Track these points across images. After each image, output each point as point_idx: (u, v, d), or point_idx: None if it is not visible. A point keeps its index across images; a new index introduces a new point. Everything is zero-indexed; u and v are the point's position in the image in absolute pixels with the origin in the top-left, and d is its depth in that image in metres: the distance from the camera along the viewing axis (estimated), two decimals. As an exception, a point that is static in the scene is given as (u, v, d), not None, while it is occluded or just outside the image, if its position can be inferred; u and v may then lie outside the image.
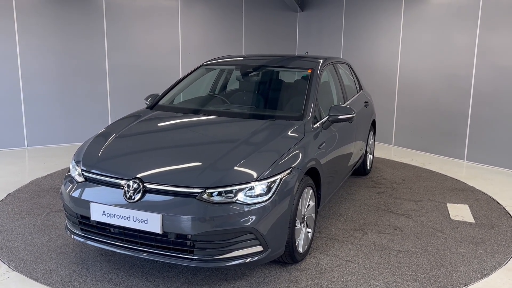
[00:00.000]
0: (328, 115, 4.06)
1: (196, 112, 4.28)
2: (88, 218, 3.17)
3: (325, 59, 4.77)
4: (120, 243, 3.11)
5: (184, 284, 3.19)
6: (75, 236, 3.33)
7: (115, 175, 3.16)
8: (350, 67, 5.82)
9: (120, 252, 3.11)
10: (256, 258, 3.05)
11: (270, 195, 3.06)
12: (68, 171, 3.51)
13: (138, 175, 3.09)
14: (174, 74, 8.10)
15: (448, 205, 4.94)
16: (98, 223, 3.14)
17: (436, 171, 6.26)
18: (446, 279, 3.34)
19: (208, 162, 3.17)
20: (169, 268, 3.39)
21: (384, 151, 7.45)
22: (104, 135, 3.76)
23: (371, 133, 6.05)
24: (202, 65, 4.99)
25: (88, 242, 3.24)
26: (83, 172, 3.32)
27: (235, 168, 3.12)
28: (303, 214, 3.49)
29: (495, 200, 5.11)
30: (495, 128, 6.42)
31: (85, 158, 3.44)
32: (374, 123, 6.17)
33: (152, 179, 3.06)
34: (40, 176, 5.65)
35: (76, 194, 3.24)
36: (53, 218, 4.34)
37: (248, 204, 2.98)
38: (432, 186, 5.58)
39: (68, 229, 3.40)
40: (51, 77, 7.24)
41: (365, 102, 5.70)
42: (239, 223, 2.93)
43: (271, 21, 9.38)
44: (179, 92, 4.75)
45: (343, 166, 4.62)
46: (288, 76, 5.10)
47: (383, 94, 7.85)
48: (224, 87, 5.12)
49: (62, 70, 7.31)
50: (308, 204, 3.58)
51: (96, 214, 3.09)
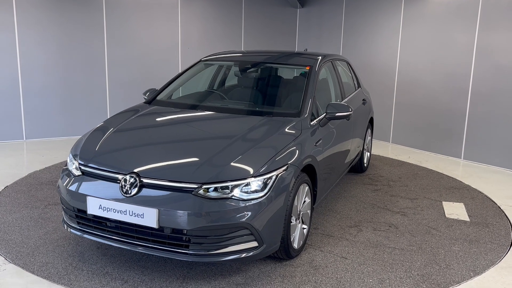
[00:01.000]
0: (326, 112, 4.07)
1: (194, 107, 4.30)
2: (85, 212, 3.19)
3: (323, 56, 4.78)
4: (117, 237, 3.14)
5: (179, 278, 3.22)
6: (71, 230, 3.35)
7: (112, 169, 3.18)
8: (349, 64, 5.83)
9: (116, 246, 3.14)
10: (251, 253, 3.07)
11: (266, 191, 3.08)
12: (66, 165, 3.53)
13: (135, 170, 3.10)
14: (173, 69, 8.11)
15: (444, 203, 4.97)
16: (95, 216, 3.16)
17: (432, 169, 6.29)
18: (439, 277, 3.37)
19: (204, 157, 3.19)
20: (164, 263, 3.42)
21: (381, 148, 7.47)
22: (101, 129, 3.78)
23: (369, 130, 6.07)
24: (200, 60, 5.00)
25: (85, 236, 3.26)
26: (80, 166, 3.34)
27: (232, 164, 3.14)
28: (298, 210, 3.51)
29: (491, 199, 5.14)
30: (492, 127, 6.44)
31: (82, 152, 3.45)
32: (372, 121, 6.19)
33: (149, 173, 3.08)
34: (38, 169, 5.67)
35: (73, 187, 3.26)
36: (50, 211, 4.36)
37: (244, 200, 3.00)
38: (428, 184, 5.61)
39: (65, 222, 3.43)
40: (50, 70, 7.24)
41: (363, 100, 5.71)
42: (235, 219, 2.95)
43: (271, 17, 9.37)
44: (177, 87, 4.76)
45: (340, 163, 4.64)
46: (287, 73, 5.11)
47: (381, 91, 7.86)
48: (222, 83, 5.13)
49: (61, 64, 7.31)
50: (304, 201, 3.60)
51: (93, 208, 3.11)
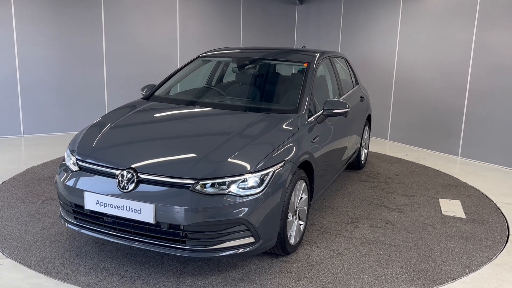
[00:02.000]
0: (323, 109, 4.08)
1: (191, 103, 4.30)
2: (82, 207, 3.19)
3: (321, 53, 4.79)
4: (114, 232, 3.14)
5: (176, 273, 3.23)
6: (69, 225, 3.36)
7: (110, 165, 3.18)
8: (347, 61, 5.84)
9: (113, 241, 3.15)
10: (248, 249, 3.09)
11: (262, 187, 3.09)
12: (63, 160, 3.54)
13: (132, 165, 3.11)
14: (171, 65, 8.11)
15: (440, 200, 4.99)
16: (92, 212, 3.17)
17: (430, 166, 6.30)
18: (434, 273, 3.39)
19: (202, 153, 3.20)
20: (161, 258, 3.43)
21: (379, 145, 7.49)
22: (99, 125, 3.78)
23: (366, 127, 6.08)
24: (198, 56, 5.00)
25: (82, 231, 3.27)
26: (77, 161, 3.35)
27: (229, 160, 3.14)
28: (295, 206, 3.52)
29: (487, 197, 5.17)
30: (490, 125, 6.46)
31: (80, 148, 3.46)
32: (369, 118, 6.19)
33: (146, 169, 3.09)
34: (36, 164, 5.67)
35: (70, 183, 3.26)
36: (47, 206, 4.37)
37: (240, 196, 3.01)
38: (425, 182, 5.62)
39: (62, 217, 3.43)
40: (48, 65, 7.23)
41: (360, 97, 5.72)
42: (232, 215, 2.96)
43: (269, 13, 9.36)
44: (175, 83, 4.76)
45: (337, 160, 4.65)
46: (285, 70, 5.11)
47: (379, 89, 7.87)
48: (220, 79, 5.13)
49: (59, 59, 7.30)
50: (301, 197, 3.61)
51: (90, 203, 3.12)
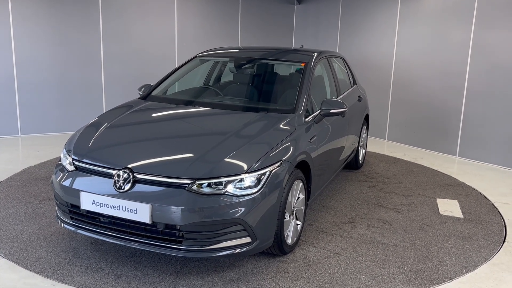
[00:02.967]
0: (320, 109, 4.08)
1: (189, 103, 4.29)
2: (78, 207, 3.18)
3: (319, 53, 4.78)
4: (110, 232, 3.13)
5: (173, 274, 3.22)
6: (65, 225, 3.35)
7: (106, 165, 3.17)
8: (345, 61, 5.83)
9: (109, 241, 3.14)
10: (245, 249, 3.08)
11: (259, 187, 3.08)
12: (59, 160, 3.52)
13: (129, 165, 3.10)
14: (169, 64, 8.09)
15: (438, 200, 4.99)
16: (88, 212, 3.16)
17: (427, 166, 6.30)
18: (432, 273, 3.39)
19: (198, 153, 3.19)
20: (158, 258, 3.42)
21: (377, 145, 7.49)
22: (95, 125, 3.77)
23: (364, 127, 6.08)
24: (196, 56, 4.99)
25: (78, 231, 3.26)
26: (74, 161, 3.33)
27: (225, 160, 3.14)
28: (292, 206, 3.52)
29: (485, 196, 5.16)
30: (488, 125, 6.46)
31: (76, 148, 3.45)
32: (367, 118, 6.19)
33: (142, 169, 3.08)
34: (33, 165, 5.66)
35: (66, 183, 3.25)
36: (44, 206, 4.35)
37: (237, 195, 3.00)
38: (423, 181, 5.62)
39: (59, 217, 3.42)
40: (46, 65, 7.21)
41: (358, 97, 5.72)
42: (228, 215, 2.96)
43: (268, 13, 9.36)
44: (172, 83, 4.75)
45: (335, 160, 4.65)
46: (282, 69, 5.11)
47: (377, 88, 7.87)
48: (218, 79, 5.13)
49: (56, 59, 7.28)
50: (298, 197, 3.61)
51: (86, 203, 3.11)
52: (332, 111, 4.05)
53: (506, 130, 6.26)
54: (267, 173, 3.15)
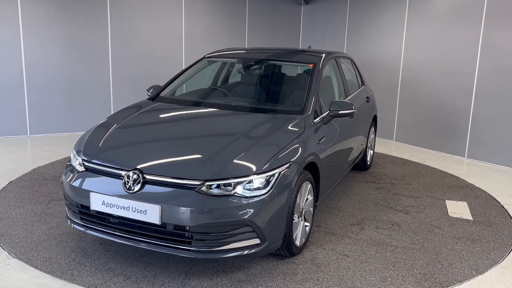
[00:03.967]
0: (329, 110, 4.06)
1: (197, 104, 4.30)
2: (88, 208, 3.20)
3: (327, 54, 4.77)
4: (120, 233, 3.15)
5: (182, 274, 3.23)
6: (75, 225, 3.36)
7: (115, 166, 3.18)
8: (353, 62, 5.82)
9: (119, 242, 3.15)
10: (254, 250, 3.08)
11: (268, 188, 3.08)
12: (69, 161, 3.54)
13: (138, 166, 3.11)
14: (177, 65, 8.11)
15: (447, 202, 4.96)
16: (98, 212, 3.17)
17: (436, 167, 6.27)
18: (441, 276, 3.37)
19: (207, 154, 3.20)
20: (167, 259, 3.43)
21: (385, 146, 7.46)
22: (105, 126, 3.79)
23: (372, 128, 6.06)
24: (204, 57, 4.99)
25: (88, 231, 3.28)
26: (83, 162, 3.35)
27: (234, 161, 3.14)
28: (301, 208, 3.51)
29: (494, 198, 5.13)
30: (497, 125, 6.41)
31: (86, 148, 3.46)
32: (375, 119, 6.17)
33: (152, 170, 3.09)
34: (42, 165, 5.69)
35: (76, 183, 3.27)
36: (53, 206, 4.38)
37: (246, 197, 3.00)
38: (432, 183, 5.59)
39: (68, 218, 3.44)
40: (54, 65, 7.26)
41: (366, 98, 5.70)
42: (237, 216, 2.96)
43: (275, 14, 9.35)
44: (181, 83, 4.76)
45: (343, 161, 4.63)
46: (290, 70, 5.10)
47: (385, 89, 7.84)
48: (226, 79, 5.13)
49: (65, 59, 7.32)
50: (307, 198, 3.60)
51: (96, 204, 3.13)
52: (340, 112, 4.04)
53: (516, 131, 6.22)
54: (276, 174, 3.15)
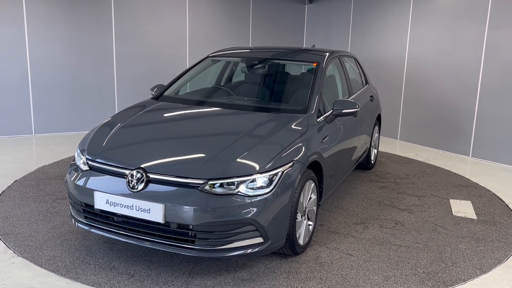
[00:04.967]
0: (332, 109, 4.06)
1: (201, 103, 4.30)
2: (92, 207, 3.21)
3: (331, 53, 4.77)
4: (123, 231, 3.16)
5: (185, 273, 3.24)
6: (79, 224, 3.38)
7: (119, 165, 3.20)
8: (357, 60, 5.81)
9: (123, 241, 3.16)
10: (257, 249, 3.09)
11: (271, 187, 3.08)
12: (73, 160, 3.56)
13: (142, 165, 3.12)
14: (181, 64, 8.13)
15: (451, 201, 4.94)
16: (102, 211, 3.19)
17: (440, 166, 6.25)
18: (445, 275, 3.36)
19: (211, 153, 3.20)
20: (171, 257, 3.44)
21: (389, 145, 7.44)
22: (109, 125, 3.80)
23: (376, 127, 6.04)
24: (208, 56, 5.00)
25: (92, 230, 3.29)
26: (88, 161, 3.37)
27: (238, 160, 3.14)
28: (304, 207, 3.51)
29: (499, 197, 5.11)
30: (501, 124, 6.38)
31: (90, 147, 3.48)
32: (379, 118, 6.16)
33: (156, 169, 3.10)
34: (47, 164, 5.72)
35: (80, 182, 3.28)
36: (58, 205, 4.40)
37: (249, 196, 3.01)
38: (436, 182, 5.58)
39: (73, 216, 3.46)
40: (59, 65, 7.29)
41: (370, 96, 5.69)
42: (240, 215, 2.96)
43: (279, 12, 9.35)
44: (184, 83, 4.77)
45: (346, 160, 4.63)
46: (294, 69, 5.10)
47: (389, 88, 7.82)
48: (229, 79, 5.14)
49: (70, 59, 7.35)
50: (310, 197, 3.60)
51: (100, 202, 3.14)
52: (344, 111, 4.03)
53: (521, 130, 6.19)
54: (279, 173, 3.15)
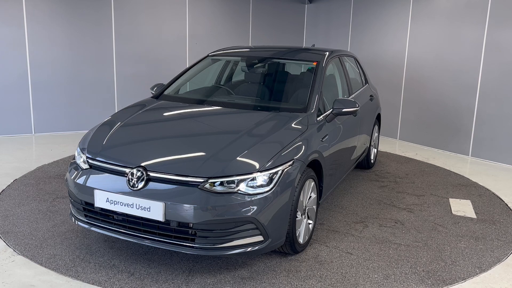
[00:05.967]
0: (332, 108, 4.07)
1: (201, 102, 4.31)
2: (92, 205, 3.22)
3: (331, 52, 4.77)
4: (124, 230, 3.17)
5: (185, 271, 3.24)
6: (79, 222, 3.39)
7: (119, 163, 3.20)
8: (357, 60, 5.81)
9: (123, 239, 3.17)
10: (257, 247, 3.09)
11: (271, 186, 3.09)
12: (74, 158, 3.56)
13: (142, 164, 3.13)
14: (180, 64, 8.13)
15: (451, 200, 4.95)
16: (102, 210, 3.19)
17: (440, 166, 6.26)
18: (444, 273, 3.37)
19: (211, 152, 3.21)
20: (171, 256, 3.44)
21: (389, 145, 7.45)
22: (109, 124, 3.81)
23: (376, 126, 6.05)
24: (208, 55, 5.01)
25: (92, 228, 3.30)
26: (88, 159, 3.37)
27: (238, 158, 3.15)
28: (304, 205, 3.52)
29: (498, 196, 5.11)
30: (501, 124, 6.39)
31: (90, 146, 3.48)
32: (379, 117, 6.16)
33: (156, 167, 3.10)
34: (47, 163, 5.72)
35: (80, 181, 3.29)
36: (58, 204, 4.40)
37: (249, 194, 3.01)
38: (435, 181, 5.58)
39: (73, 215, 3.46)
40: (59, 64, 7.29)
41: (370, 96, 5.69)
42: (240, 213, 2.97)
43: (279, 12, 9.35)
44: (184, 82, 4.78)
45: (346, 159, 4.64)
46: (294, 68, 5.10)
47: (389, 88, 7.83)
48: (229, 78, 5.14)
49: (69, 58, 7.36)
50: (310, 196, 3.61)
51: (100, 201, 3.15)
52: (344, 110, 4.04)
53: (520, 129, 6.20)
54: (279, 172, 3.16)
